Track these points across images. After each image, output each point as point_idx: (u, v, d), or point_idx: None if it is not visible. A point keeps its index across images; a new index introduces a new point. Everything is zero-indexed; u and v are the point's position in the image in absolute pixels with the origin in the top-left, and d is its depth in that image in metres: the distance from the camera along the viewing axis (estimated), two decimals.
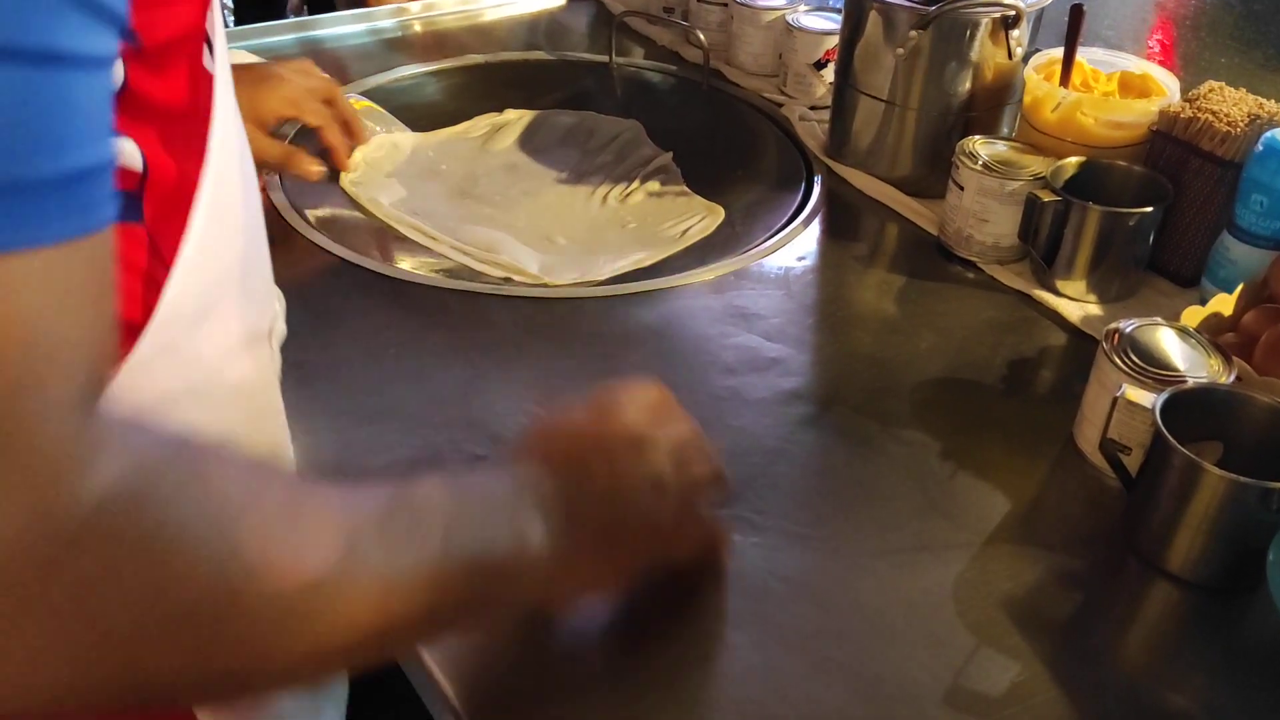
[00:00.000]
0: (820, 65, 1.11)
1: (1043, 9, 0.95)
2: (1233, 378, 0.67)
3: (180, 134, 0.46)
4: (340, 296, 0.84)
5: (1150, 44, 1.37)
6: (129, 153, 0.43)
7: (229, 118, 0.48)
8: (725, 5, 1.20)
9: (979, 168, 0.87)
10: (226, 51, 0.49)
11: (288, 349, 0.77)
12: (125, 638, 0.31)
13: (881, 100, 0.98)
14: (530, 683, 0.56)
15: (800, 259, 0.92)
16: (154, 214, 0.45)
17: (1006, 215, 0.86)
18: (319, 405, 0.72)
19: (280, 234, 0.91)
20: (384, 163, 1.05)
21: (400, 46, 1.26)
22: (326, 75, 0.98)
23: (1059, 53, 0.92)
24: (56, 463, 0.29)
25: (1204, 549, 0.61)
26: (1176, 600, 0.63)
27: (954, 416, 0.75)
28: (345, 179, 1.00)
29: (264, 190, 0.96)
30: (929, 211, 0.96)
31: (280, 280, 0.88)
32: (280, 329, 0.62)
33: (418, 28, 1.31)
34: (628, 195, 1.07)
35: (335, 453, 0.69)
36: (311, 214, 0.95)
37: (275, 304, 0.61)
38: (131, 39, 0.39)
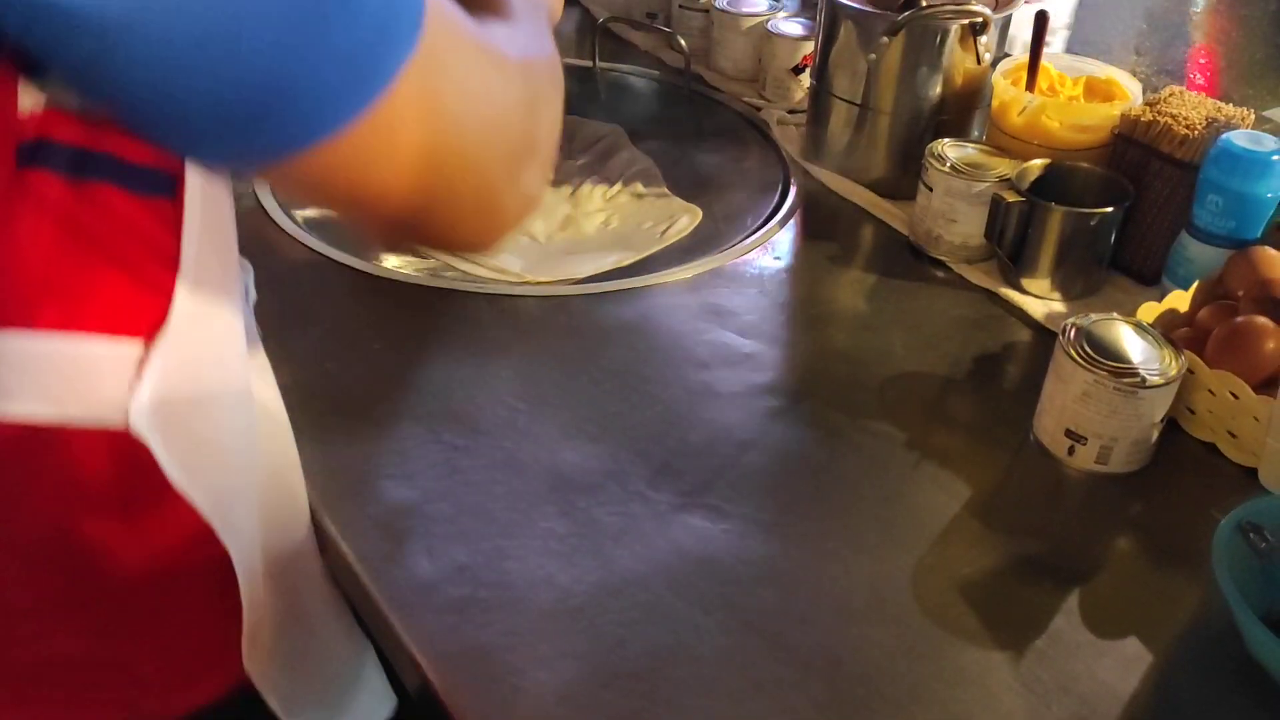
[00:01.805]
0: (798, 70, 1.14)
1: (1010, 15, 0.98)
2: (1183, 370, 0.69)
3: None
4: (325, 294, 0.86)
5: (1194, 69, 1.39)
6: None
7: None
8: (706, 11, 1.23)
9: (947, 170, 0.89)
10: None
11: (271, 344, 0.80)
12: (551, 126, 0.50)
13: (855, 104, 1.00)
14: (503, 659, 0.58)
15: (776, 259, 0.94)
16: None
17: (974, 216, 0.89)
18: (302, 399, 0.75)
19: (268, 233, 0.93)
20: None
21: None
22: None
23: (1027, 58, 0.95)
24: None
25: None
26: (1132, 587, 0.65)
27: (920, 410, 0.77)
28: None
29: (252, 192, 0.98)
30: (900, 212, 0.98)
31: (268, 278, 0.91)
32: (252, 293, 0.66)
33: None
34: (609, 196, 1.09)
35: (315, 442, 0.71)
36: (299, 214, 0.97)
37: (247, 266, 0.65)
38: None
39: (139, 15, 0.33)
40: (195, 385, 0.51)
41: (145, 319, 0.49)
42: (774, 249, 0.95)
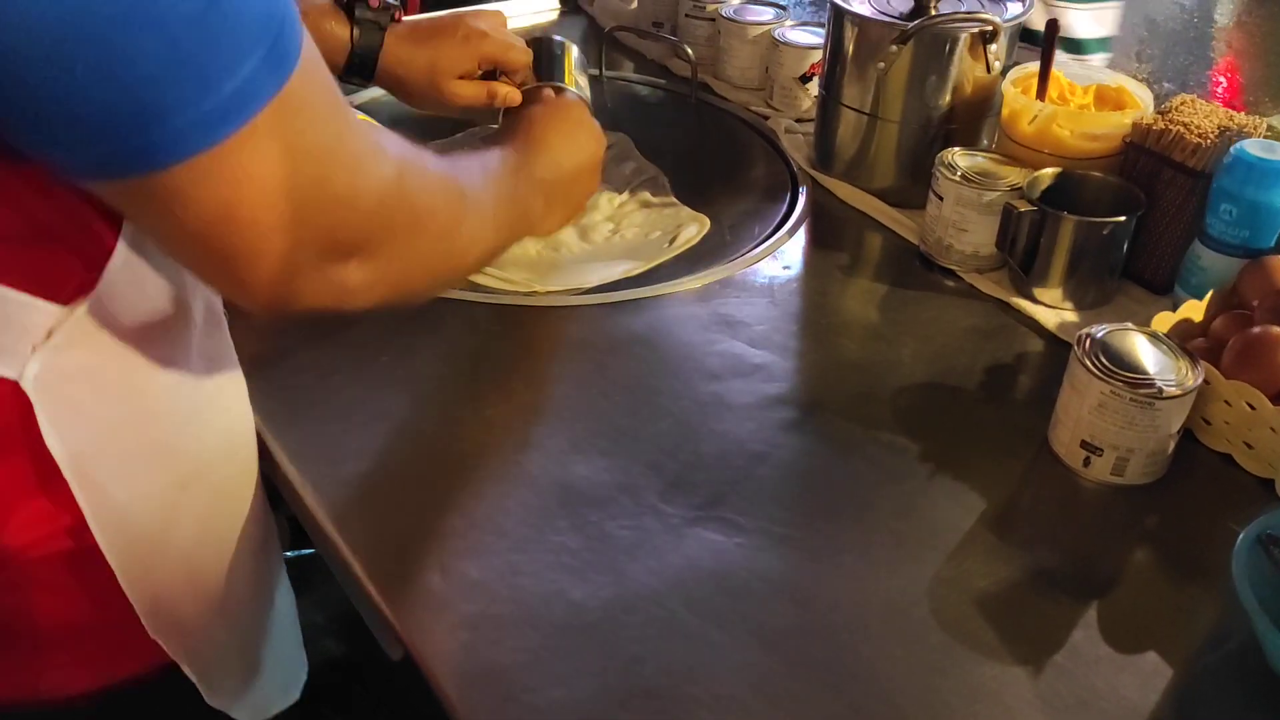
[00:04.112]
0: (806, 79, 1.14)
1: (1020, 24, 0.97)
2: (1199, 381, 0.69)
3: None
4: None
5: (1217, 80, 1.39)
6: None
7: None
8: (713, 20, 1.23)
9: (958, 179, 0.89)
10: None
11: (280, 358, 0.79)
12: (417, 256, 0.57)
13: (864, 113, 1.00)
14: (518, 677, 0.57)
15: (785, 268, 0.94)
16: None
17: (985, 225, 0.88)
18: (311, 412, 0.74)
19: None
20: None
21: None
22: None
23: (1037, 66, 0.94)
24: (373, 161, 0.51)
25: None
26: (1149, 600, 0.64)
27: (934, 421, 0.77)
28: None
29: None
30: (910, 222, 0.98)
31: None
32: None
33: None
34: (617, 206, 1.09)
35: (326, 458, 0.70)
36: None
37: None
38: None
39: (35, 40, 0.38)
40: (94, 360, 0.54)
41: (68, 288, 0.52)
42: (783, 258, 0.95)
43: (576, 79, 0.93)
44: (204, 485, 0.63)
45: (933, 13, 0.95)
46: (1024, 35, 1.02)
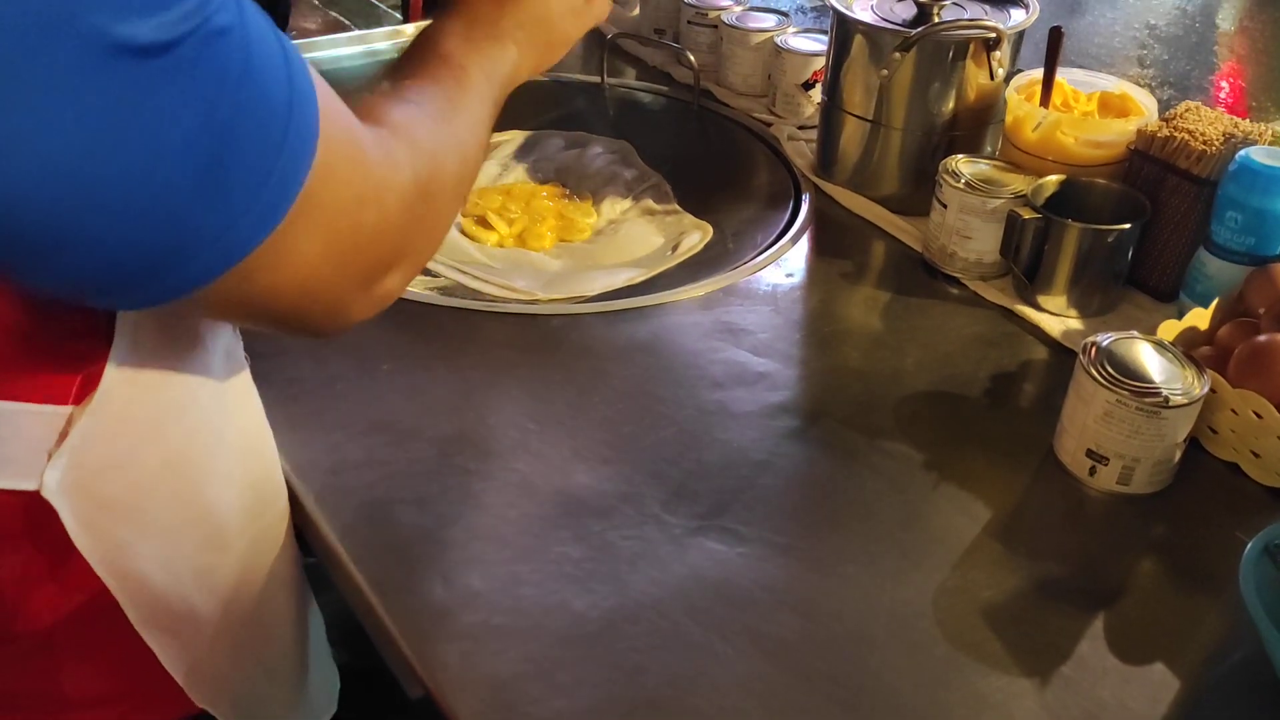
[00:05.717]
0: (808, 86, 1.13)
1: (1024, 31, 0.97)
2: (1206, 389, 0.68)
3: None
4: None
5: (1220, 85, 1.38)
6: None
7: None
8: (715, 27, 1.23)
9: (961, 186, 0.88)
10: None
11: (282, 366, 0.79)
12: (442, 221, 0.56)
13: (867, 120, 1.00)
14: (520, 688, 0.57)
15: (788, 276, 0.94)
16: None
17: (989, 232, 0.88)
18: (313, 421, 0.74)
19: None
20: None
21: None
22: None
23: (1040, 73, 0.94)
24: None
25: None
26: (1156, 610, 0.64)
27: (938, 429, 0.76)
28: None
29: None
30: (914, 229, 0.97)
31: None
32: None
33: None
34: (620, 213, 1.09)
35: (329, 467, 0.70)
36: None
37: None
38: None
39: (68, 216, 0.36)
40: (118, 453, 0.52)
41: (72, 389, 0.49)
42: (786, 266, 0.95)
43: None
44: (243, 541, 0.62)
45: (936, 20, 0.95)
46: None
